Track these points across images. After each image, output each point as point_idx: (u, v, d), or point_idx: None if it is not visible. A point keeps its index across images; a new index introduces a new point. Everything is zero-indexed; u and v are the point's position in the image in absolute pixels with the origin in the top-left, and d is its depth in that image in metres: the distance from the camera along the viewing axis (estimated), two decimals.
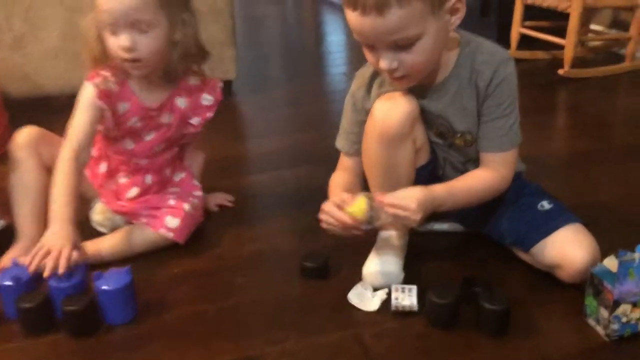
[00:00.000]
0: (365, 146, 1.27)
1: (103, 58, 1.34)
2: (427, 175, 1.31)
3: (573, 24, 2.71)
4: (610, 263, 1.15)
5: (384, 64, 1.12)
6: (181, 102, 1.45)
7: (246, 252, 1.46)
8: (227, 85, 2.63)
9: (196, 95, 1.47)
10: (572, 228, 1.25)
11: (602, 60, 2.98)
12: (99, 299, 1.20)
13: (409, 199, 1.13)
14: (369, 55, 1.17)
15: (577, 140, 2.13)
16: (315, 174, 1.77)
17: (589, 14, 3.08)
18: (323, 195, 1.25)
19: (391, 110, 1.21)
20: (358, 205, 1.15)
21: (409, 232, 1.39)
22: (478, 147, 1.27)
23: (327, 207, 1.18)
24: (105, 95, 1.34)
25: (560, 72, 2.80)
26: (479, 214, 1.39)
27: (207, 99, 1.48)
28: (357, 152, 1.33)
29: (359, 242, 1.28)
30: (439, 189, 1.20)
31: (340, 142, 1.38)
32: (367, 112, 1.28)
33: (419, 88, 1.23)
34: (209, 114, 1.49)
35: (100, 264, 1.35)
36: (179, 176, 1.56)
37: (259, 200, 1.76)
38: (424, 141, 1.29)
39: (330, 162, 1.40)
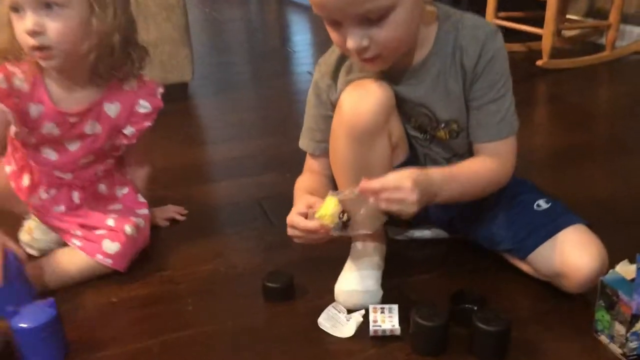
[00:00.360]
0: (333, 144, 1.09)
1: (13, 49, 1.12)
2: None
3: (551, 12, 2.59)
4: (624, 269, 0.99)
5: (352, 42, 0.94)
6: (111, 109, 1.24)
7: (200, 273, 1.28)
8: (183, 87, 2.47)
9: (130, 101, 1.26)
10: (575, 230, 1.09)
11: (580, 51, 2.88)
12: (16, 340, 0.99)
13: (401, 178, 0.94)
14: (333, 35, 0.98)
15: (561, 134, 2.00)
16: (280, 182, 1.64)
17: (565, 2, 2.97)
18: (290, 205, 1.07)
19: (362, 100, 1.03)
20: (326, 207, 0.98)
21: (387, 242, 1.21)
22: (471, 137, 1.10)
23: (291, 218, 1.02)
24: (6, 94, 1.12)
25: (539, 63, 2.68)
26: (465, 217, 1.22)
27: (143, 106, 1.27)
28: (324, 152, 1.16)
29: (330, 254, 1.17)
30: (435, 171, 1.02)
31: (304, 142, 1.20)
32: (333, 104, 1.10)
33: (394, 72, 1.06)
34: (146, 124, 1.28)
35: None
36: (122, 192, 1.35)
37: (216, 212, 1.57)
38: (401, 136, 1.11)
39: (296, 168, 1.25)
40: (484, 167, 1.08)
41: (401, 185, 0.93)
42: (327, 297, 1.13)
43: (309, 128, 1.19)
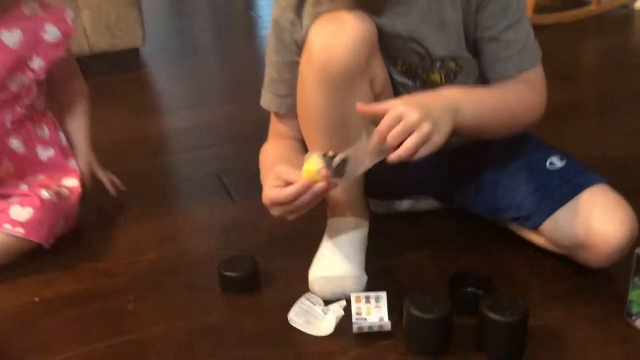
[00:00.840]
0: (302, 95, 0.89)
1: None
2: None
3: None
4: None
5: None
6: (10, 38, 1.05)
7: (144, 263, 1.07)
8: (134, 54, 2.23)
9: (34, 27, 1.07)
10: (598, 191, 0.91)
11: (564, 7, 2.70)
12: None
13: (403, 104, 0.75)
14: None
15: (552, 91, 1.81)
16: (242, 153, 1.45)
17: None
18: (253, 178, 0.86)
19: (335, 36, 0.83)
20: (311, 163, 0.79)
21: (370, 217, 1.00)
22: (490, 76, 0.91)
23: (267, 195, 0.82)
24: None
25: None
26: (462, 181, 1.03)
27: (51, 32, 1.08)
28: (291, 110, 0.96)
29: (302, 234, 1.01)
30: (451, 89, 0.85)
31: (267, 98, 0.99)
32: (299, 45, 0.90)
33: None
34: (58, 54, 1.09)
35: None
36: (46, 153, 1.13)
37: (168, 189, 1.36)
38: (385, 82, 0.91)
39: (261, 137, 1.06)
40: (516, 89, 0.89)
41: (404, 114, 0.73)
42: (299, 287, 0.94)
43: (272, 80, 0.97)
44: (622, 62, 2.03)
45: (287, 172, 0.80)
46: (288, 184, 0.79)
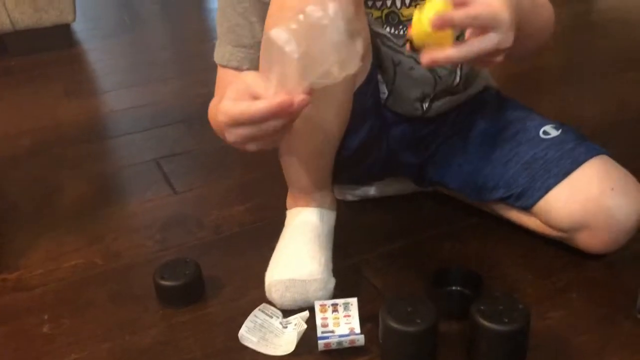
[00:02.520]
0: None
1: None
2: (370, 102, 0.80)
3: None
4: None
5: None
6: None
7: (65, 271, 0.89)
8: (65, 30, 2.01)
9: None
10: (600, 163, 0.79)
11: None
12: None
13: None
14: None
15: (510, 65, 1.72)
16: (185, 136, 1.28)
17: None
18: (199, 166, 0.70)
19: None
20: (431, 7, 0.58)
21: (337, 206, 0.85)
22: None
23: (225, 108, 0.59)
24: None
25: None
26: (443, 154, 0.89)
27: None
28: (255, 66, 0.74)
29: (256, 228, 0.89)
30: None
31: (224, 50, 0.79)
32: None
33: None
34: None
35: None
36: None
37: (97, 180, 1.17)
38: (367, 42, 0.75)
39: (208, 119, 0.87)
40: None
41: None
42: (252, 294, 0.79)
43: (232, 27, 0.78)
44: (587, 28, 1.93)
45: (257, 83, 0.58)
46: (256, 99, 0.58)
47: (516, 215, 0.84)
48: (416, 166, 0.91)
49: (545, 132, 0.82)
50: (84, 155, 1.25)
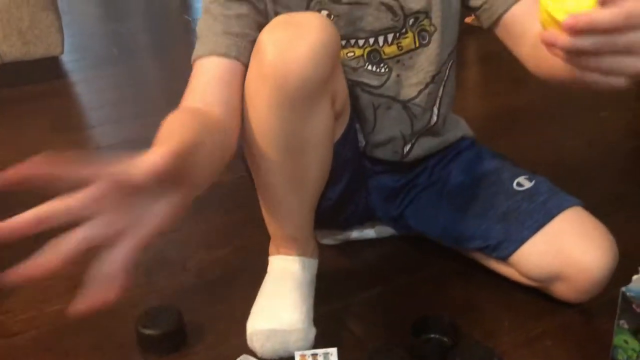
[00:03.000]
0: (251, 113, 0.70)
1: None
2: (350, 154, 0.83)
3: None
4: None
5: None
6: None
7: (49, 316, 0.88)
8: (53, 63, 2.02)
9: None
10: (573, 215, 0.81)
11: None
12: None
13: None
14: None
15: (503, 97, 1.73)
16: None
17: None
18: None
19: (293, 45, 0.65)
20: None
21: (319, 253, 0.86)
22: (495, 11, 0.78)
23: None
24: None
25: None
26: (419, 203, 0.91)
27: None
28: (244, 54, 0.72)
29: (238, 276, 0.88)
30: None
31: (207, 44, 0.74)
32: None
33: None
34: None
35: None
36: None
37: None
38: (345, 100, 0.78)
39: None
40: None
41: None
42: (234, 342, 0.79)
43: (220, 28, 0.73)
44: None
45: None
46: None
47: (494, 264, 0.86)
48: (395, 215, 0.93)
49: (518, 184, 0.84)
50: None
